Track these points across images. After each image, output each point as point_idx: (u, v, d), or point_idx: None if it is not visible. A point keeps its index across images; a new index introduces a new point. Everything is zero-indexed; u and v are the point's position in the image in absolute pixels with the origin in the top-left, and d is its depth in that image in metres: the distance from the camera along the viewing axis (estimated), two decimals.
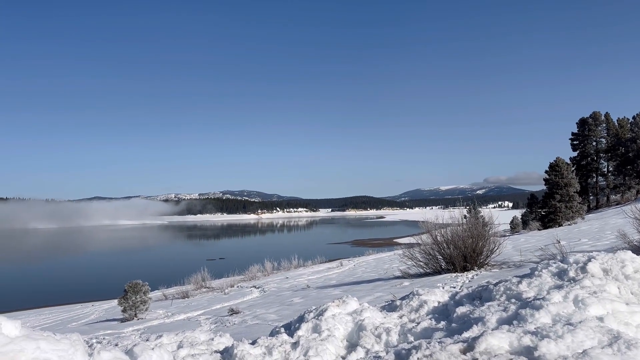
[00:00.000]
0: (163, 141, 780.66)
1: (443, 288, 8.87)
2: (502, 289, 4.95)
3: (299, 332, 4.36)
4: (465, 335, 3.77)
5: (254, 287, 21.23)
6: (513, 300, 4.62)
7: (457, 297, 5.11)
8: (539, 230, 33.92)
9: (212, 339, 4.37)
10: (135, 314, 16.02)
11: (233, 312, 13.14)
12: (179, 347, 4.07)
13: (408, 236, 60.97)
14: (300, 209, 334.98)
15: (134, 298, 16.12)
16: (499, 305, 4.48)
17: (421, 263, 14.91)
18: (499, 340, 3.40)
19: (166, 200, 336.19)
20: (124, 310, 16.20)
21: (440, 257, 14.59)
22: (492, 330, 3.68)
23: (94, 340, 5.63)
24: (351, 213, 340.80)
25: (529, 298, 4.52)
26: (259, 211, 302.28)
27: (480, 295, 5.02)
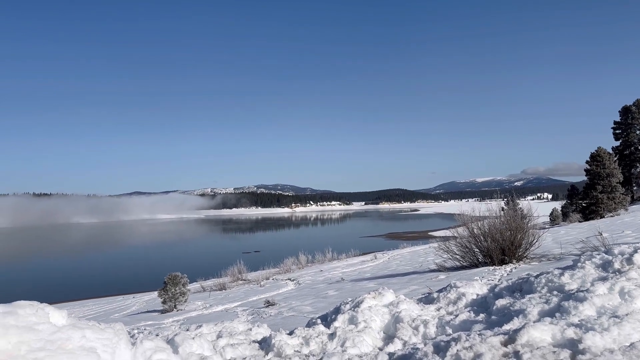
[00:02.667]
0: (200, 137, 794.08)
1: (480, 281, 8.73)
2: (543, 281, 4.82)
3: (336, 324, 4.37)
4: (506, 327, 3.69)
5: (289, 279, 21.41)
6: (555, 292, 4.50)
7: (496, 290, 5.01)
8: (580, 222, 32.88)
9: (250, 329, 4.43)
10: (174, 306, 16.41)
11: (269, 304, 13.29)
12: (218, 336, 4.15)
13: (443, 229, 60.12)
14: (333, 203, 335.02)
15: (173, 290, 16.51)
16: (540, 297, 4.37)
17: (457, 256, 14.69)
18: (542, 333, 3.32)
19: (202, 195, 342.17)
20: (163, 302, 16.62)
21: (477, 250, 14.35)
22: (534, 322, 3.60)
23: (135, 331, 5.79)
24: (385, 206, 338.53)
25: (572, 290, 4.39)
26: (293, 205, 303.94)
27: (521, 288, 4.91)
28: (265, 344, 3.95)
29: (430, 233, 63.84)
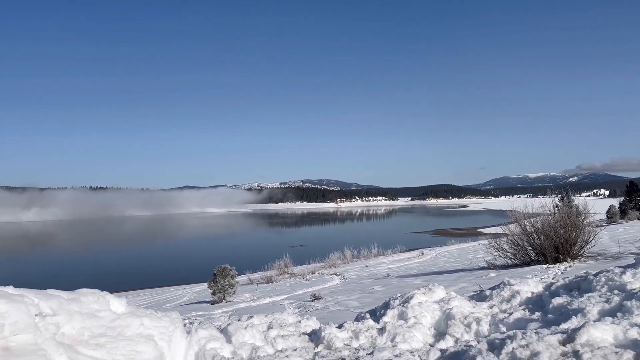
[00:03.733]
0: (248, 133, 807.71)
1: (534, 279, 8.45)
2: (603, 279, 4.62)
3: (385, 319, 4.35)
4: (564, 326, 3.56)
5: (335, 274, 21.49)
6: (616, 291, 4.30)
7: (552, 288, 4.84)
8: None
9: (300, 322, 4.48)
10: (223, 297, 16.79)
11: (315, 297, 13.39)
12: (269, 327, 4.22)
13: (493, 226, 58.53)
14: (379, 198, 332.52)
15: (222, 282, 16.90)
16: (600, 296, 4.19)
17: (508, 254, 14.31)
18: (602, 332, 3.18)
19: (250, 189, 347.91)
20: (213, 293, 17.04)
21: (530, 247, 13.94)
22: (594, 322, 3.46)
23: (187, 321, 5.97)
24: (432, 202, 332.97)
25: (635, 289, 4.19)
26: (338, 200, 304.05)
27: (579, 286, 4.72)
28: (315, 337, 3.98)
29: (479, 230, 62.36)
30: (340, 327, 4.17)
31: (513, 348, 3.07)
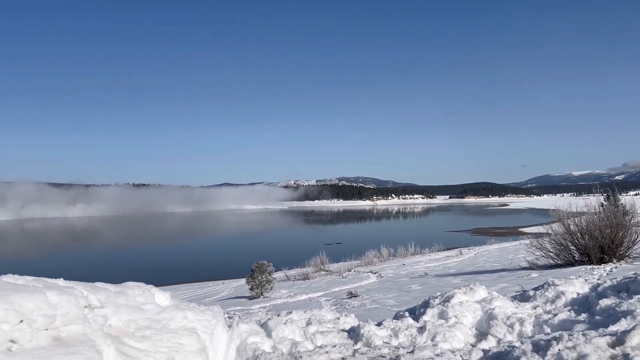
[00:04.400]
0: (284, 130, 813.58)
1: (580, 280, 8.19)
2: None
3: (425, 317, 4.31)
4: (612, 328, 3.44)
5: (371, 272, 21.41)
6: None
7: (599, 289, 4.67)
8: None
9: (338, 318, 4.49)
10: (261, 293, 17.01)
11: (352, 295, 13.38)
12: (308, 323, 4.25)
13: (535, 225, 56.95)
14: (416, 196, 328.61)
15: (260, 277, 17.12)
16: None
17: (551, 254, 13.93)
18: None
19: (286, 187, 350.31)
20: (251, 289, 17.28)
21: (574, 247, 13.52)
22: None
23: (226, 316, 6.08)
24: (470, 200, 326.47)
25: None
26: (374, 197, 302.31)
27: (628, 287, 4.54)
28: (353, 334, 3.98)
29: (520, 229, 60.82)
30: (379, 325, 4.15)
31: (559, 350, 2.98)
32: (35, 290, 3.09)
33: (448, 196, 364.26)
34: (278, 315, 4.49)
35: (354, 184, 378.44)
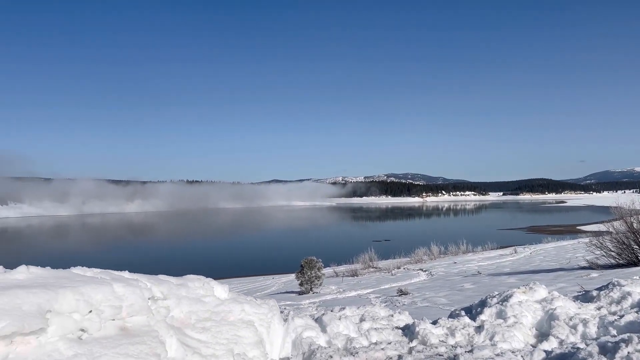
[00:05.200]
0: (333, 127, 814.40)
1: None
2: None
3: (482, 317, 4.22)
4: None
5: (421, 270, 21.16)
6: None
7: None
8: None
9: (392, 316, 4.47)
10: (310, 288, 17.15)
11: (402, 292, 13.27)
12: (361, 320, 4.25)
13: (595, 223, 54.30)
14: (467, 192, 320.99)
15: (309, 273, 17.27)
16: None
17: (612, 253, 13.30)
18: None
19: (334, 183, 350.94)
20: (300, 284, 17.46)
21: (637, 247, 12.86)
22: None
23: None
24: (525, 197, 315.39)
25: None
26: (424, 194, 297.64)
27: None
28: (408, 331, 3.95)
29: (578, 227, 58.28)
30: (434, 323, 4.10)
31: (629, 352, 2.84)
32: (103, 282, 3.26)
33: (502, 193, 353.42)
34: (332, 311, 4.52)
35: (403, 181, 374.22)
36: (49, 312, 2.97)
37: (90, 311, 3.11)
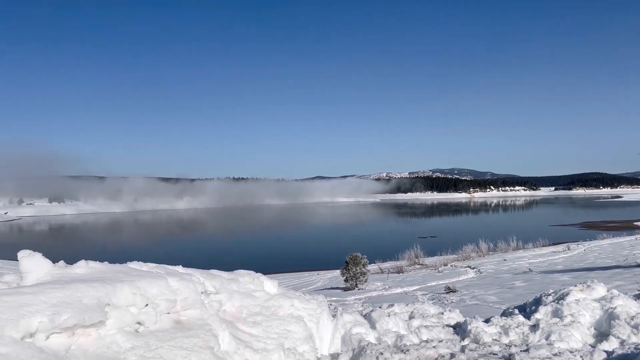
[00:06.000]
0: (376, 122, 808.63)
1: None
2: None
3: (537, 315, 4.08)
4: None
5: (469, 267, 20.79)
6: None
7: None
8: None
9: (442, 313, 4.40)
10: (355, 285, 17.15)
11: (450, 290, 13.06)
12: (411, 317, 4.21)
13: None
14: (517, 188, 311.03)
15: (354, 269, 17.27)
16: None
17: None
18: None
19: (378, 179, 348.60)
20: (345, 280, 17.49)
21: None
22: None
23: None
24: (579, 192, 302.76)
25: None
26: (471, 190, 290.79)
27: None
28: (460, 329, 3.88)
29: (636, 223, 55.56)
30: (486, 321, 4.00)
31: None
32: (158, 276, 3.37)
33: (553, 188, 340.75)
34: (380, 307, 4.50)
35: (449, 176, 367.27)
36: (107, 305, 3.10)
37: (147, 305, 3.22)
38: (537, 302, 4.42)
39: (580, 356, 3.24)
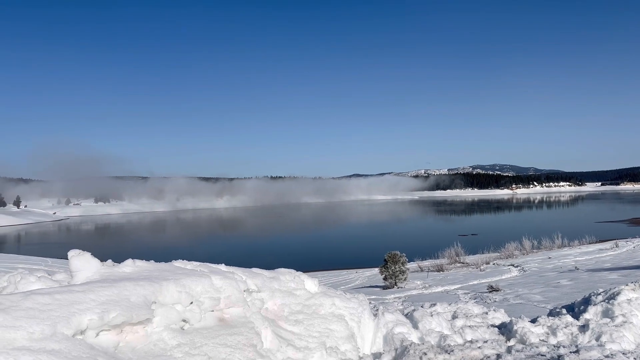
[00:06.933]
0: (413, 120, 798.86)
1: None
2: None
3: (586, 315, 3.94)
4: None
5: (512, 265, 20.31)
6: None
7: None
8: None
9: (487, 313, 4.31)
10: (395, 283, 17.02)
11: (492, 289, 12.78)
12: (454, 317, 4.14)
13: None
14: (561, 183, 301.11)
15: (393, 267, 17.14)
16: None
17: None
18: None
19: (416, 176, 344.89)
20: (384, 279, 17.38)
21: None
22: None
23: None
24: (627, 187, 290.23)
25: None
26: (513, 186, 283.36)
27: None
28: (505, 330, 3.79)
29: None
30: (533, 321, 3.89)
31: None
32: (202, 274, 3.44)
33: (600, 183, 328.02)
34: (422, 307, 4.44)
35: (490, 172, 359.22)
36: (154, 303, 3.18)
37: (191, 302, 3.29)
38: (586, 302, 4.26)
39: (634, 358, 3.10)
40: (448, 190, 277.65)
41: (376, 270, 19.73)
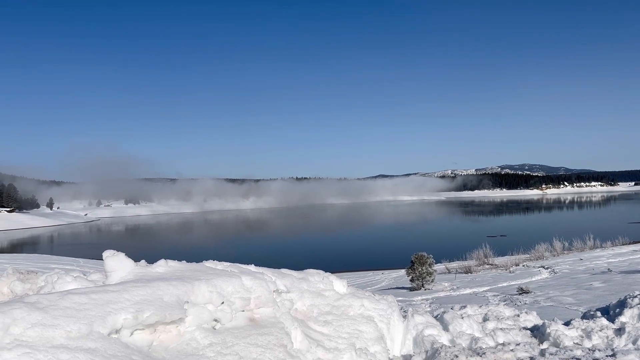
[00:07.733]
0: (439, 119, 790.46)
1: None
2: None
3: (622, 318, 3.84)
4: None
5: (542, 267, 19.91)
6: None
7: None
8: None
9: (518, 316, 4.24)
10: (422, 284, 16.87)
11: (522, 291, 12.56)
12: (485, 319, 4.09)
13: None
14: (593, 183, 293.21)
15: (420, 269, 16.99)
16: None
17: None
18: None
19: (442, 177, 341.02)
20: (411, 280, 17.24)
21: None
22: None
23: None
24: None
25: None
26: (543, 186, 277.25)
27: None
28: (538, 332, 3.72)
29: None
30: (566, 324, 3.82)
31: None
32: (233, 274, 3.49)
33: (633, 182, 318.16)
34: (452, 309, 4.40)
35: (519, 172, 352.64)
36: (186, 303, 3.25)
37: (223, 302, 3.35)
38: (622, 305, 4.15)
39: None
40: (476, 191, 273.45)
41: (402, 271, 19.59)
